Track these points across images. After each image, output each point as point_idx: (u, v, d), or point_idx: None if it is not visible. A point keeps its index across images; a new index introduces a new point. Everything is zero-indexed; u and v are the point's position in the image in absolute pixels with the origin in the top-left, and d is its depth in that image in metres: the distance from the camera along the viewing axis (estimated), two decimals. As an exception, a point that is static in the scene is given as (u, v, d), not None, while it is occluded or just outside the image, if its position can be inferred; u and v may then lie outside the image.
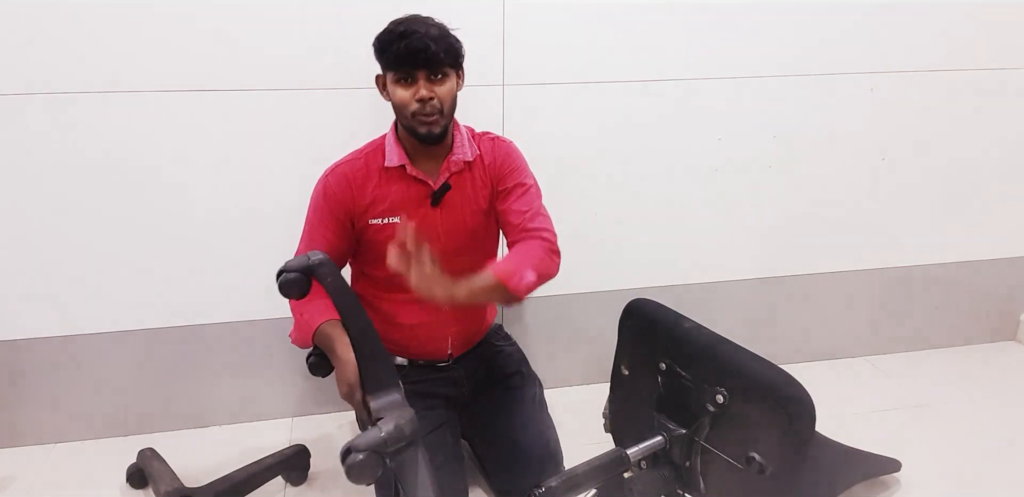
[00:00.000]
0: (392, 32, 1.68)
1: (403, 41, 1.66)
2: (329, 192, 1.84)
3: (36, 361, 2.30)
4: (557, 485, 1.54)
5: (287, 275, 1.43)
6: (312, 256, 1.43)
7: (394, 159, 1.82)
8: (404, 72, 1.71)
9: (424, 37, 1.66)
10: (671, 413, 1.71)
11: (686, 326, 1.70)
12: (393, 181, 1.84)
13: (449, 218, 1.89)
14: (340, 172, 1.85)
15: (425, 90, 1.71)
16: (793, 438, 1.45)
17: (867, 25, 2.47)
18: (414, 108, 1.72)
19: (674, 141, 2.48)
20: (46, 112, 2.05)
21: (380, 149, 1.86)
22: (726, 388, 1.54)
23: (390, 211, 1.84)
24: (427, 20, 1.72)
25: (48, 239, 2.17)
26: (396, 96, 1.74)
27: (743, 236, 2.68)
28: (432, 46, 1.67)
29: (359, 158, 1.86)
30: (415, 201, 1.85)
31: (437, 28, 1.71)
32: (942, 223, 2.83)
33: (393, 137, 1.85)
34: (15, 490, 2.19)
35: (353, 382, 1.58)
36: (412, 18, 1.72)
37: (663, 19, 2.31)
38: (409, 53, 1.67)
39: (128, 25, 2.01)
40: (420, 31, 1.67)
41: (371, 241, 1.87)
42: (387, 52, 1.69)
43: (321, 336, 1.71)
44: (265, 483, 2.13)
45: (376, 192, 1.84)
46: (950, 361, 2.95)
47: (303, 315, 1.76)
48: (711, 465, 1.61)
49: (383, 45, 1.70)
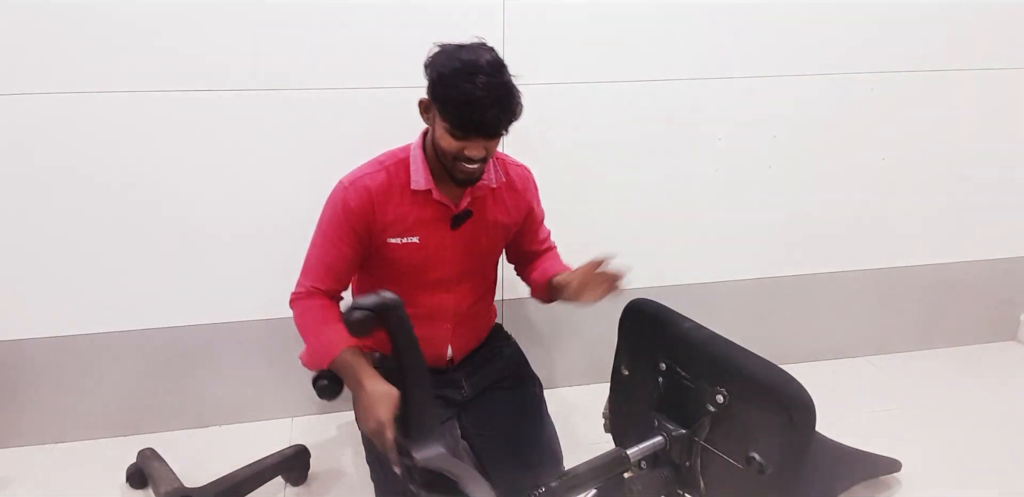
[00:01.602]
0: (469, 93, 1.56)
1: (477, 112, 1.57)
2: (350, 206, 1.77)
3: (36, 361, 2.29)
4: (557, 485, 1.54)
5: (359, 313, 1.39)
6: (384, 295, 1.40)
7: (420, 182, 1.78)
8: (464, 134, 1.63)
9: (500, 113, 1.59)
10: (671, 413, 1.70)
11: (686, 326, 1.70)
12: (415, 202, 1.80)
13: (465, 241, 1.88)
14: (362, 185, 1.78)
15: (479, 151, 1.66)
16: (794, 438, 1.45)
17: (867, 25, 2.47)
18: (460, 158, 1.67)
19: (674, 141, 2.48)
20: (46, 112, 2.05)
21: (403, 165, 1.81)
22: (726, 388, 1.54)
23: (409, 231, 1.82)
24: (502, 79, 1.61)
25: (48, 239, 2.17)
26: (445, 142, 1.65)
27: (743, 236, 2.68)
28: (503, 123, 1.61)
29: (380, 171, 1.80)
30: (435, 223, 1.83)
31: (510, 96, 1.61)
32: (942, 223, 2.83)
33: (420, 158, 1.79)
34: (15, 490, 2.19)
35: (386, 419, 1.55)
36: (492, 83, 1.58)
37: (663, 19, 2.31)
38: (481, 126, 1.60)
39: (128, 25, 2.01)
40: (497, 105, 1.58)
41: (385, 258, 1.84)
42: (454, 113, 1.60)
43: (342, 363, 1.68)
44: (265, 483, 2.13)
45: (397, 211, 1.80)
46: (950, 361, 2.95)
47: (318, 338, 1.74)
48: (711, 465, 1.61)
49: (453, 103, 1.59)
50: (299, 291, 1.83)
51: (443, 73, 1.60)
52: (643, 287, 2.57)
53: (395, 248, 1.83)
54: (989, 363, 2.95)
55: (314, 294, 1.81)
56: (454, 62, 1.60)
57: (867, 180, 2.70)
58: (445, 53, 1.64)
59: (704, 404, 1.59)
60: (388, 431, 1.55)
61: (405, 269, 1.86)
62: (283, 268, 2.31)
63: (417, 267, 1.86)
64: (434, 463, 1.45)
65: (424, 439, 1.47)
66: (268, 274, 2.33)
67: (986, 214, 2.85)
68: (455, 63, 1.60)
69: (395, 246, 1.82)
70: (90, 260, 2.22)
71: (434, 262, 1.87)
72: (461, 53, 1.62)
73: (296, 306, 1.83)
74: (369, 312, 1.40)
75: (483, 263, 1.98)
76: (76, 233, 2.18)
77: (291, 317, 2.36)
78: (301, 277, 1.85)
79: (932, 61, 2.58)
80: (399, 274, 1.87)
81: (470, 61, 1.60)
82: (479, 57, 1.61)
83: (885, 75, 2.56)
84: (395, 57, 2.17)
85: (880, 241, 2.81)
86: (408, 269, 1.86)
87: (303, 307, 1.82)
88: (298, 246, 2.28)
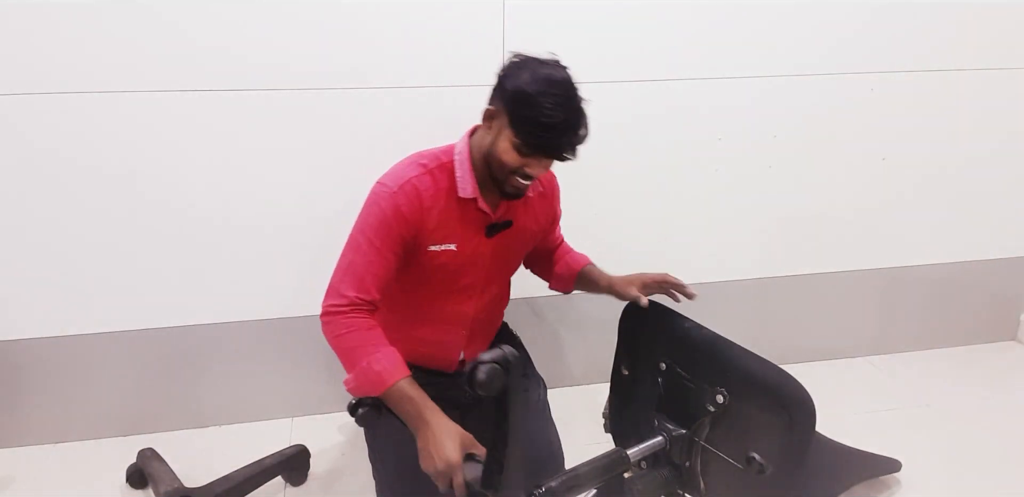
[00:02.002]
0: (550, 115, 1.55)
1: (555, 136, 1.58)
2: (402, 211, 1.69)
3: (36, 361, 2.29)
4: (557, 485, 1.54)
5: (490, 368, 1.35)
6: (507, 351, 1.36)
7: (468, 190, 1.74)
8: (533, 153, 1.63)
9: (575, 138, 1.60)
10: (671, 413, 1.71)
11: (686, 326, 1.71)
12: (458, 209, 1.76)
13: (497, 249, 1.86)
14: (412, 189, 1.71)
15: (540, 170, 1.66)
16: (794, 438, 1.45)
17: (867, 25, 2.47)
18: (516, 174, 1.66)
19: (674, 141, 2.48)
20: (46, 112, 2.05)
21: (446, 170, 1.76)
22: (726, 388, 1.55)
23: (448, 238, 1.77)
24: (580, 103, 1.61)
25: (48, 239, 2.17)
26: (508, 157, 1.63)
27: (743, 236, 2.68)
28: (575, 148, 1.62)
29: (424, 174, 1.74)
30: (472, 230, 1.80)
31: (585, 121, 1.62)
32: (942, 223, 2.83)
33: (468, 166, 1.75)
34: (15, 490, 2.19)
35: (455, 462, 1.49)
36: (573, 107, 1.60)
37: (663, 19, 2.31)
38: (554, 149, 1.61)
39: (127, 25, 2.01)
40: (574, 130, 1.59)
41: (420, 265, 1.79)
42: (530, 132, 1.59)
43: (400, 396, 1.61)
44: (265, 483, 2.13)
45: (441, 217, 1.74)
46: (950, 361, 2.95)
47: (371, 365, 1.63)
48: (711, 465, 1.62)
49: (531, 123, 1.58)
50: (339, 303, 1.70)
51: (524, 90, 1.58)
52: (643, 287, 2.58)
53: (433, 255, 1.78)
54: (989, 363, 2.95)
55: (357, 308, 1.69)
56: (538, 80, 1.58)
57: (867, 180, 2.69)
58: (527, 68, 1.62)
59: (704, 404, 1.59)
60: (457, 474, 1.49)
61: (437, 276, 1.82)
62: (283, 268, 2.33)
63: (450, 274, 1.83)
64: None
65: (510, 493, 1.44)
66: (268, 274, 2.33)
67: (986, 214, 2.85)
68: (539, 81, 1.58)
69: (434, 254, 1.77)
70: (90, 260, 2.22)
71: (466, 270, 1.84)
72: (543, 70, 1.61)
73: (336, 323, 1.69)
74: (496, 366, 1.35)
75: (508, 270, 1.98)
76: (76, 233, 2.18)
77: (291, 317, 2.38)
78: (340, 286, 1.72)
79: (932, 61, 2.58)
80: (429, 281, 1.83)
81: (554, 81, 1.59)
82: (562, 77, 1.61)
83: (885, 75, 2.56)
84: (396, 57, 2.17)
85: (880, 241, 2.81)
86: (440, 276, 1.82)
87: (345, 325, 1.68)
88: (298, 246, 2.31)
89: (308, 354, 2.47)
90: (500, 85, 1.65)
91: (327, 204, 2.27)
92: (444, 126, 2.21)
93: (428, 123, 2.23)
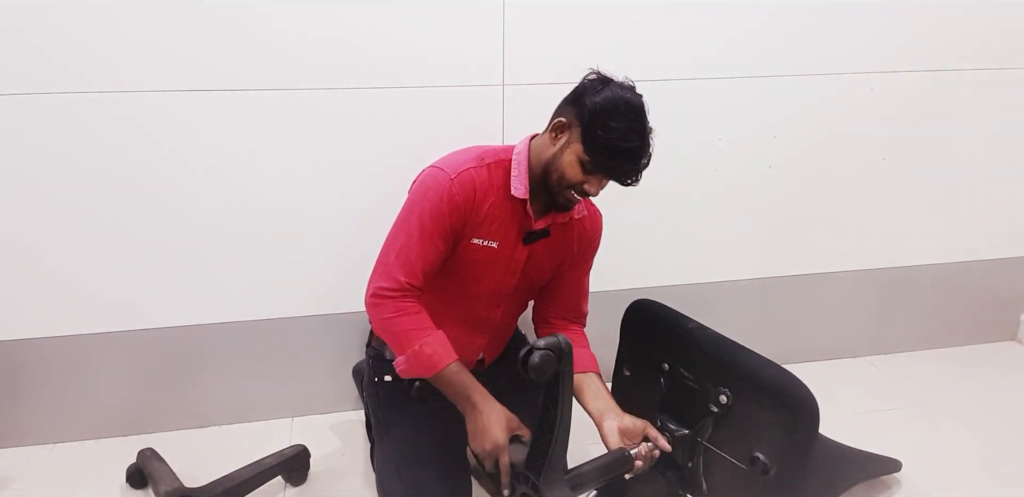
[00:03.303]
0: (626, 139, 1.60)
1: (626, 159, 1.62)
2: (456, 200, 1.71)
3: (36, 361, 2.29)
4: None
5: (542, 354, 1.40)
6: (562, 340, 1.42)
7: (520, 190, 1.75)
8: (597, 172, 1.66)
9: (643, 164, 1.65)
10: (673, 414, 1.71)
11: (689, 327, 1.71)
12: (507, 207, 1.78)
13: (531, 258, 1.87)
14: (468, 178, 1.73)
15: (598, 189, 1.69)
16: (797, 438, 1.45)
17: (867, 25, 2.47)
18: (574, 189, 1.69)
19: (674, 141, 2.47)
20: (46, 112, 2.04)
21: (503, 167, 1.78)
22: (729, 389, 1.55)
23: (492, 235, 1.79)
24: (651, 138, 1.66)
25: (48, 239, 2.17)
26: (572, 171, 1.67)
27: (743, 236, 2.68)
28: (640, 174, 1.67)
29: (481, 167, 1.76)
30: (514, 233, 1.81)
31: (651, 147, 1.66)
32: (942, 223, 2.83)
33: (524, 166, 1.77)
34: (15, 490, 2.18)
35: (502, 443, 1.59)
36: (645, 134, 1.65)
37: (663, 19, 2.31)
38: (621, 172, 1.65)
39: (127, 24, 2.01)
40: (644, 156, 1.64)
41: (460, 257, 1.81)
42: (603, 152, 1.62)
43: (450, 379, 1.68)
44: (265, 483, 2.12)
45: (490, 211, 1.76)
46: (950, 361, 2.95)
47: (422, 348, 1.68)
48: (714, 466, 1.62)
49: (606, 143, 1.61)
50: (388, 286, 1.72)
51: (605, 108, 1.61)
52: (642, 287, 2.58)
53: (475, 249, 1.79)
54: (989, 363, 2.95)
55: (407, 293, 1.72)
56: (618, 103, 1.61)
57: (867, 180, 2.69)
58: (608, 88, 1.65)
59: (707, 404, 1.59)
60: (504, 455, 1.57)
61: (473, 274, 1.84)
62: (284, 268, 2.33)
63: (484, 273, 1.84)
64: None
65: (556, 481, 1.50)
66: (268, 274, 2.33)
67: (986, 214, 2.85)
68: (619, 104, 1.61)
69: (476, 247, 1.79)
70: (90, 260, 2.21)
71: (500, 272, 1.85)
72: (623, 93, 1.64)
73: (385, 305, 1.72)
74: (550, 353, 1.41)
75: (533, 285, 1.97)
76: (76, 233, 2.17)
77: (291, 317, 2.38)
78: (391, 268, 1.73)
79: (932, 61, 2.58)
80: (464, 278, 1.85)
81: (633, 106, 1.62)
82: (639, 104, 1.64)
83: (885, 75, 2.56)
84: (395, 57, 2.17)
85: (880, 241, 2.81)
86: (476, 274, 1.84)
87: (395, 309, 1.71)
88: (298, 246, 2.30)
89: (308, 354, 2.47)
90: (576, 100, 1.67)
91: (329, 204, 2.28)
92: (445, 126, 2.23)
93: (429, 123, 2.23)
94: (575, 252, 1.95)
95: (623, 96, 1.63)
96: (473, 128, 2.03)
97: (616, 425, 1.72)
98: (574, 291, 2.02)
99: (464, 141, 1.89)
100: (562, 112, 1.70)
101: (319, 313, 2.40)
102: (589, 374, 1.85)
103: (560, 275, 1.98)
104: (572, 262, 1.97)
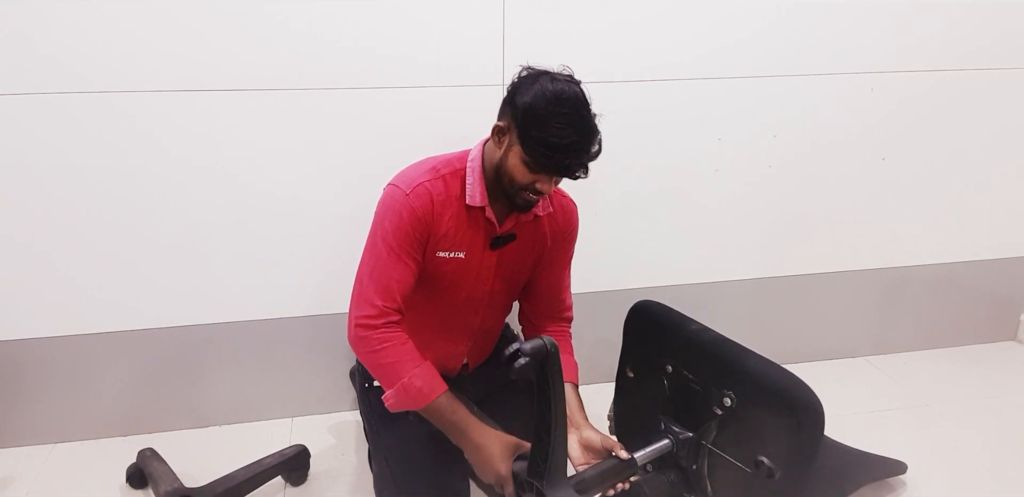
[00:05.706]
0: (562, 135, 1.54)
1: (565, 155, 1.56)
2: (416, 214, 1.70)
3: (36, 361, 2.28)
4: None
5: (525, 361, 1.37)
6: (548, 342, 1.40)
7: (476, 198, 1.74)
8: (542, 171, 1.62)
9: (586, 158, 1.59)
10: (677, 416, 1.71)
11: (692, 328, 1.70)
12: (467, 216, 1.77)
13: (502, 262, 1.86)
14: (425, 191, 1.72)
15: (549, 186, 1.66)
16: (802, 441, 1.45)
17: (867, 25, 2.46)
18: (527, 190, 1.66)
19: (674, 141, 2.48)
20: (46, 112, 2.03)
21: (458, 176, 1.76)
22: (734, 391, 1.54)
23: (457, 245, 1.78)
24: (592, 122, 1.60)
25: (48, 239, 2.16)
26: (518, 173, 1.63)
27: (743, 236, 2.68)
28: (586, 168, 1.60)
29: (437, 179, 1.74)
30: (479, 241, 1.80)
31: (596, 140, 1.60)
32: (942, 223, 2.83)
33: (478, 173, 1.75)
34: (15, 490, 2.18)
35: (504, 474, 1.59)
36: (584, 125, 1.58)
37: (662, 19, 2.30)
38: (564, 168, 1.59)
39: (127, 24, 2.00)
40: (586, 150, 1.57)
41: (428, 272, 1.79)
42: (541, 151, 1.56)
43: (441, 410, 1.68)
44: (265, 483, 2.12)
45: (451, 223, 1.75)
46: (950, 361, 2.96)
47: (411, 381, 1.67)
48: (718, 469, 1.62)
49: (542, 142, 1.55)
50: (369, 314, 1.69)
51: (534, 107, 1.56)
52: (642, 287, 2.59)
53: (442, 262, 1.78)
54: (989, 363, 2.95)
55: (389, 318, 1.70)
56: (548, 98, 1.55)
57: (867, 180, 2.69)
58: (537, 83, 1.59)
59: (711, 407, 1.59)
60: (509, 485, 1.58)
61: (444, 284, 1.83)
62: (284, 268, 2.33)
63: (455, 283, 1.83)
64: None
65: (559, 483, 1.50)
66: (269, 274, 2.32)
67: (986, 214, 2.85)
68: (549, 99, 1.55)
69: (442, 260, 1.78)
70: (90, 260, 2.20)
71: (472, 280, 1.85)
72: (554, 86, 1.57)
73: (370, 338, 1.69)
74: (535, 360, 1.38)
75: (512, 287, 1.97)
76: (76, 233, 2.17)
77: (291, 317, 2.38)
78: (367, 294, 1.71)
79: (932, 61, 2.58)
80: (434, 289, 1.84)
81: (565, 99, 1.56)
82: (573, 94, 1.57)
83: (885, 75, 2.55)
84: (395, 57, 2.16)
85: (880, 241, 2.81)
86: (446, 284, 1.83)
87: (380, 341, 1.69)
88: (298, 246, 2.30)
89: (308, 354, 2.46)
90: (510, 100, 1.63)
91: (328, 204, 2.27)
92: (446, 127, 2.22)
93: (429, 123, 2.23)
94: (549, 247, 1.93)
95: (555, 89, 1.56)
96: (473, 128, 2.01)
97: (576, 438, 1.74)
98: (555, 287, 2.01)
99: (464, 141, 1.88)
100: (502, 114, 1.67)
101: (319, 313, 2.40)
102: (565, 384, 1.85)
103: (539, 272, 1.98)
104: (550, 257, 1.96)
